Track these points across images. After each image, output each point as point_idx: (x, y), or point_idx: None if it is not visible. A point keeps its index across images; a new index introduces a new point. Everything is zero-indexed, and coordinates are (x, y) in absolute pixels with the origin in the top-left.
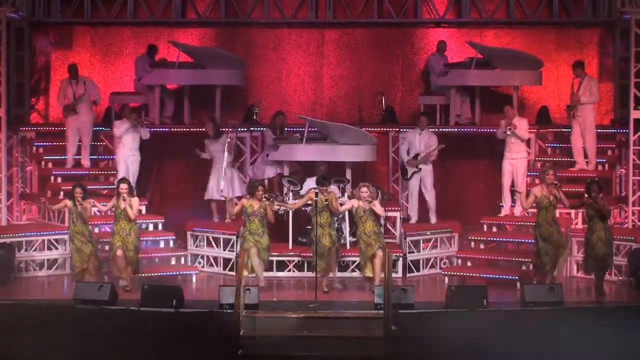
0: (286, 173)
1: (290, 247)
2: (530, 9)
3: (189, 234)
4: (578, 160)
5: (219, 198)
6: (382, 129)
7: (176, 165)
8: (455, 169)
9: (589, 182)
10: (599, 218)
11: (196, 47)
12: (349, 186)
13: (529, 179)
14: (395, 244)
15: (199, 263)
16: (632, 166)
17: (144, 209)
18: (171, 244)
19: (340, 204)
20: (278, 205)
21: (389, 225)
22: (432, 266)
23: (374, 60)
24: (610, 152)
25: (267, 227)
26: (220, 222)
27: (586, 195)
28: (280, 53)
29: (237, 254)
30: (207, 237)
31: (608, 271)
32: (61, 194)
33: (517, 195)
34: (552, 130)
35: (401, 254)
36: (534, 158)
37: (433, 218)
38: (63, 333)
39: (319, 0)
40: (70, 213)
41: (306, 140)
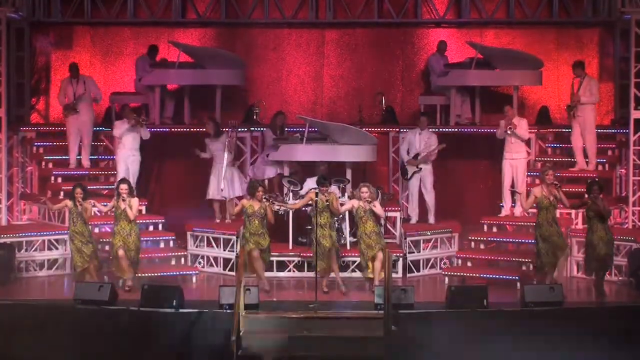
0: (286, 173)
1: (290, 247)
2: (530, 9)
3: (189, 234)
4: (578, 160)
5: (221, 198)
6: (382, 129)
7: (176, 166)
8: (455, 169)
9: (589, 183)
10: (599, 219)
11: (196, 47)
12: (349, 186)
13: (529, 179)
14: (395, 244)
15: (199, 263)
16: (632, 166)
17: (144, 209)
18: (171, 244)
19: (341, 204)
20: (278, 206)
21: (389, 226)
22: (432, 266)
23: (374, 60)
24: (610, 152)
25: (267, 228)
26: (221, 222)
27: (586, 196)
28: (280, 53)
29: (237, 254)
30: (207, 237)
31: (608, 271)
32: (61, 194)
33: (517, 195)
34: (552, 130)
35: (401, 254)
36: (534, 158)
37: (431, 218)
38: (63, 333)
39: (319, 0)
40: (71, 213)
41: (306, 141)
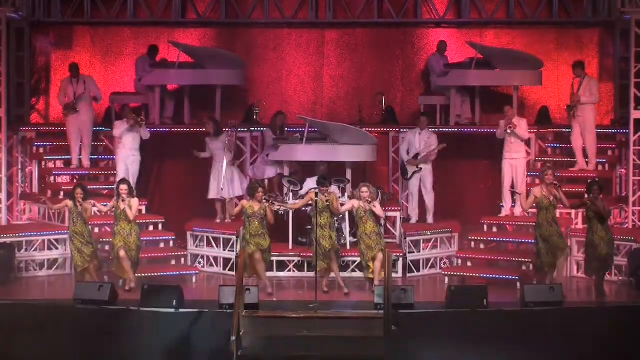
0: (286, 173)
1: (290, 247)
2: (530, 9)
3: (189, 234)
4: (579, 160)
5: (222, 197)
6: (382, 129)
7: (176, 166)
8: (455, 169)
9: (589, 183)
10: (599, 219)
11: (196, 47)
12: (349, 186)
13: (529, 179)
14: (395, 244)
15: (199, 263)
16: (633, 166)
17: (144, 209)
18: (171, 244)
19: (341, 204)
20: (278, 206)
21: (389, 226)
22: (432, 266)
23: (374, 60)
24: (610, 153)
25: (267, 229)
26: (221, 222)
27: (586, 196)
28: (280, 53)
29: (237, 254)
30: (207, 237)
31: (608, 271)
32: (61, 194)
33: (517, 196)
34: (552, 130)
35: (401, 254)
36: (534, 158)
37: (430, 218)
38: (63, 333)
39: (319, 0)
40: (71, 213)
41: (306, 141)
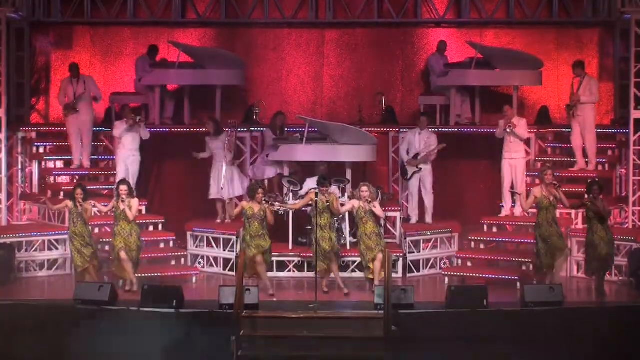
0: (286, 173)
1: (290, 248)
2: (530, 9)
3: (189, 234)
4: (578, 160)
5: (222, 197)
6: (382, 129)
7: (176, 166)
8: (455, 169)
9: (589, 183)
10: (598, 220)
11: (196, 48)
12: (349, 186)
13: (529, 179)
14: (395, 244)
15: (199, 263)
16: (633, 166)
17: (144, 209)
18: (171, 244)
19: (341, 205)
20: (278, 206)
21: (389, 226)
22: (432, 266)
23: (374, 60)
24: (610, 152)
25: (267, 229)
26: (221, 223)
27: (586, 196)
28: (280, 53)
29: (237, 254)
30: (207, 238)
31: (608, 272)
32: (61, 194)
33: (517, 196)
34: (552, 130)
35: (401, 254)
36: (534, 158)
37: (429, 218)
38: (63, 333)
39: (319, 0)
40: (71, 214)
41: (306, 141)
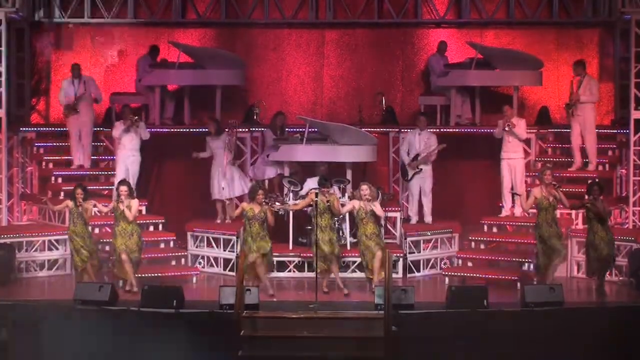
0: (286, 173)
1: (290, 248)
2: (530, 9)
3: (189, 234)
4: (576, 160)
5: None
6: (383, 130)
7: (176, 166)
8: (455, 169)
9: (589, 184)
10: (598, 220)
11: (196, 48)
12: (349, 187)
13: (529, 180)
14: (395, 244)
15: (199, 263)
16: (633, 166)
17: (144, 209)
18: (171, 244)
19: (341, 205)
20: (279, 207)
21: (389, 226)
22: (433, 266)
23: (374, 60)
24: (610, 153)
25: (268, 230)
26: (221, 223)
27: (586, 197)
28: (280, 53)
29: (238, 254)
30: (208, 238)
31: (608, 272)
32: (62, 194)
33: (517, 197)
34: (552, 130)
35: (401, 255)
36: (534, 158)
37: (428, 219)
38: (63, 333)
39: (319, 0)
40: (71, 213)
41: (306, 141)
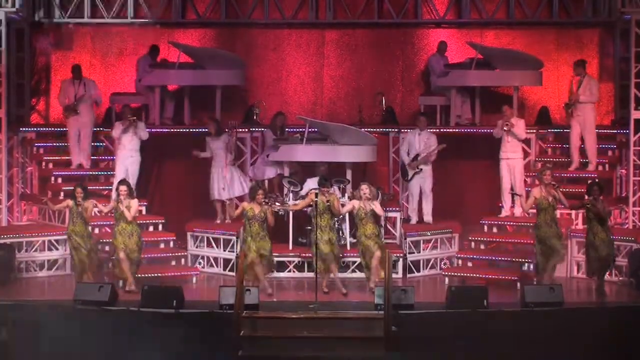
0: (286, 173)
1: (290, 248)
2: (530, 9)
3: (189, 234)
4: (574, 159)
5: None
6: (382, 130)
7: (176, 166)
8: (455, 169)
9: (589, 184)
10: (598, 221)
11: (196, 48)
12: (349, 187)
13: (529, 180)
14: (395, 244)
15: (199, 264)
16: (633, 167)
17: (144, 209)
18: (171, 244)
19: (341, 205)
20: (278, 207)
21: (389, 226)
22: (433, 267)
23: (374, 60)
24: (610, 153)
25: (268, 230)
26: (221, 223)
27: (586, 197)
28: (280, 53)
29: (238, 254)
30: (207, 238)
31: (608, 272)
32: (61, 194)
33: (517, 197)
34: (552, 130)
35: (401, 255)
36: (534, 159)
37: (428, 219)
38: (63, 333)
39: (319, 0)
40: (71, 213)
41: (306, 141)
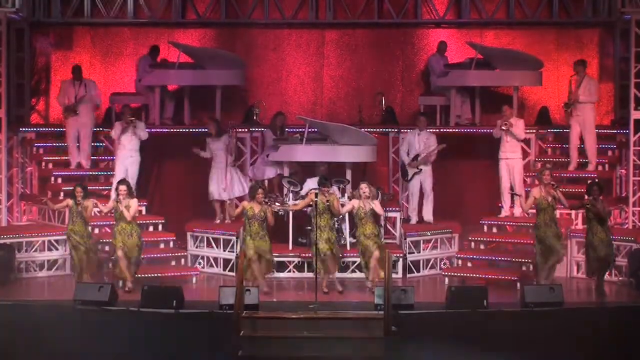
0: (286, 174)
1: (290, 248)
2: (530, 9)
3: (189, 234)
4: (572, 159)
5: (223, 198)
6: (382, 130)
7: (176, 166)
8: (455, 169)
9: (589, 184)
10: (598, 221)
11: (196, 48)
12: (349, 187)
13: (528, 180)
14: (395, 244)
15: (199, 264)
16: (633, 167)
17: (144, 209)
18: (171, 244)
19: (341, 205)
20: (278, 207)
21: (389, 226)
22: (432, 267)
23: (374, 60)
24: (610, 153)
25: (267, 230)
26: (221, 223)
27: (586, 197)
28: (280, 53)
29: (237, 254)
30: (207, 238)
31: (608, 272)
32: (61, 194)
33: (517, 197)
34: (552, 130)
35: (401, 255)
36: (534, 159)
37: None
38: (63, 333)
39: (319, 0)
40: (71, 212)
41: (306, 141)
